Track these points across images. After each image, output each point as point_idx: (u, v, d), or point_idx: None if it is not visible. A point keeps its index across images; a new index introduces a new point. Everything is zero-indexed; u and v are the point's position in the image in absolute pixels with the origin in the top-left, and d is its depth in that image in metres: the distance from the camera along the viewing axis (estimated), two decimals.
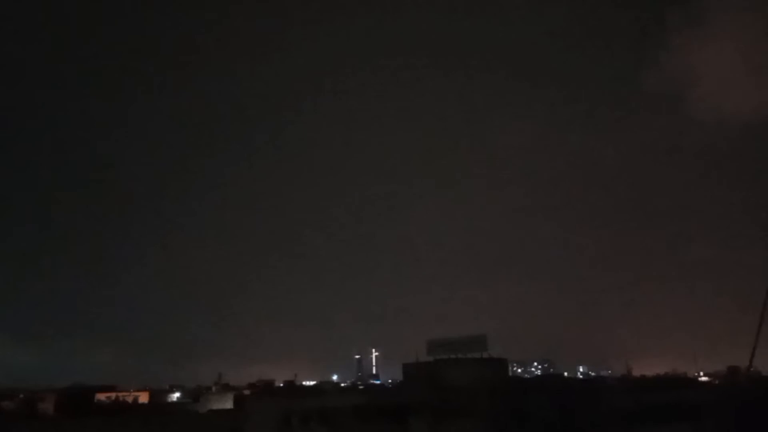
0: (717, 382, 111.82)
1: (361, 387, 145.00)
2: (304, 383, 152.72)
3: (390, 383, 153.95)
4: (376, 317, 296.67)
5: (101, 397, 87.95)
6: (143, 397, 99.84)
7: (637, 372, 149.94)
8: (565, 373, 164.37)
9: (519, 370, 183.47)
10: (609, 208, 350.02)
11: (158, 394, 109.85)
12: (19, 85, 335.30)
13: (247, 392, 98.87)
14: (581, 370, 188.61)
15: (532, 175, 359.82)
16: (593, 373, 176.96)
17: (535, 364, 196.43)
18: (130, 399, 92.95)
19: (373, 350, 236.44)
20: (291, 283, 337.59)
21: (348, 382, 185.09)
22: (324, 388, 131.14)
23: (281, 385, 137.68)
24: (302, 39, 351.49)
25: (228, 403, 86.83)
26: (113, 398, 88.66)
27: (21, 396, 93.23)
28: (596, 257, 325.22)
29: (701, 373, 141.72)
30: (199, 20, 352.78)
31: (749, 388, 63.98)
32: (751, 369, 74.33)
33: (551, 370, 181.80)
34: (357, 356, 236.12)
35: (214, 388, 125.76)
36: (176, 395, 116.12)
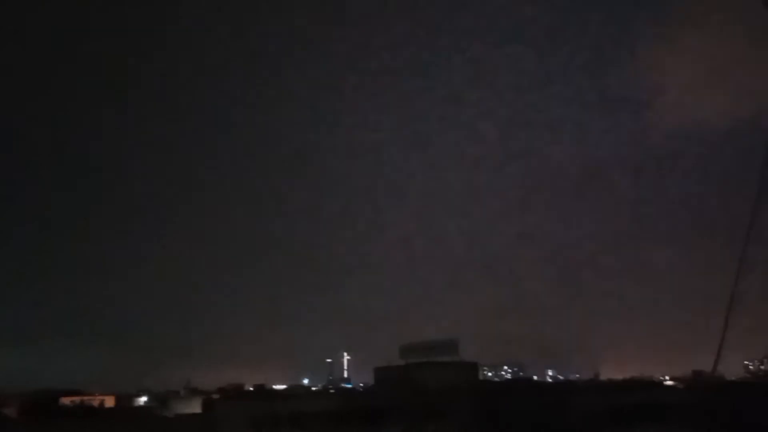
0: (682, 386, 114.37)
1: (332, 391, 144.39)
2: (274, 387, 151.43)
3: (362, 387, 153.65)
4: (347, 321, 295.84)
5: (66, 401, 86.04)
6: (109, 402, 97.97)
7: (604, 376, 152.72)
8: (535, 377, 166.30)
9: (490, 374, 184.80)
10: (577, 214, 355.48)
11: (125, 399, 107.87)
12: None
13: (216, 396, 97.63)
14: (550, 373, 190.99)
15: (502, 179, 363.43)
16: (562, 377, 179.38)
17: (506, 368, 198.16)
18: (96, 403, 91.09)
19: (345, 354, 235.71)
20: (261, 286, 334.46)
21: (319, 386, 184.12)
22: (295, 392, 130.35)
23: (251, 389, 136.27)
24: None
25: (196, 408, 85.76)
26: (78, 402, 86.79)
27: None
28: (565, 263, 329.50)
29: (667, 377, 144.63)
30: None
31: (713, 391, 65.64)
32: (716, 374, 76.21)
33: (521, 373, 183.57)
34: (328, 360, 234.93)
35: (182, 393, 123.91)
36: (143, 399, 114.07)
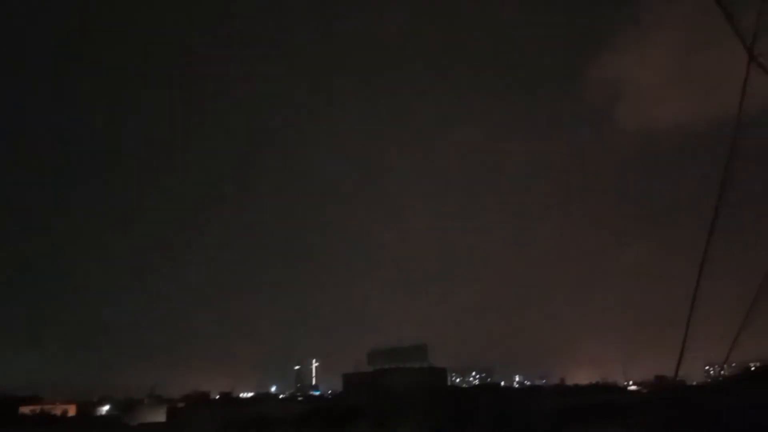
0: (645, 390, 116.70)
1: (300, 398, 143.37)
2: (241, 395, 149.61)
3: (330, 394, 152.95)
4: (315, 327, 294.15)
5: (25, 410, 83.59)
6: (70, 410, 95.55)
7: (570, 381, 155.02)
8: (502, 383, 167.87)
9: (458, 380, 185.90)
10: (544, 216, 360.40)
11: (86, 407, 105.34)
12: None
13: (181, 404, 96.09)
14: (517, 379, 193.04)
15: (470, 182, 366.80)
16: (528, 382, 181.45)
17: (474, 373, 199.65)
18: (57, 412, 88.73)
19: (313, 361, 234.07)
20: (228, 292, 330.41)
21: (287, 393, 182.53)
22: (262, 400, 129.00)
23: (217, 397, 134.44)
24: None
25: (161, 416, 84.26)
26: (38, 411, 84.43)
27: None
28: (531, 267, 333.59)
29: (630, 382, 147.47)
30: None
31: (674, 396, 67.07)
32: (677, 378, 77.83)
33: (488, 379, 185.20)
34: (296, 367, 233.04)
35: (146, 401, 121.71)
36: (106, 408, 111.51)
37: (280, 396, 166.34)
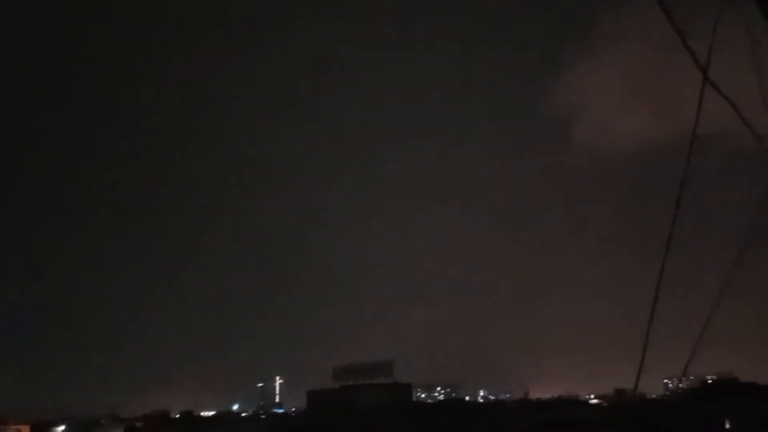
0: (606, 404, 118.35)
1: (263, 416, 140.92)
2: (203, 413, 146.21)
3: (294, 411, 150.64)
4: (280, 343, 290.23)
5: None
6: (25, 431, 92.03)
7: (533, 395, 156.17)
8: (467, 397, 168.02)
9: (423, 395, 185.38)
10: (506, 233, 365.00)
11: (42, 427, 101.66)
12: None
13: (140, 424, 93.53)
14: (482, 393, 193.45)
15: (432, 199, 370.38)
16: (493, 397, 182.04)
17: (439, 388, 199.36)
18: None
19: (277, 378, 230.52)
20: (190, 308, 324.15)
21: (250, 411, 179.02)
22: (225, 419, 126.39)
23: (177, 416, 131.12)
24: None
25: None
26: None
27: None
28: (494, 281, 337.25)
29: (592, 396, 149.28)
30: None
31: (634, 409, 68.20)
32: (636, 392, 79.32)
33: (454, 394, 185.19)
34: (260, 384, 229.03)
35: (103, 421, 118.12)
36: (61, 428, 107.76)
37: (243, 414, 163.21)
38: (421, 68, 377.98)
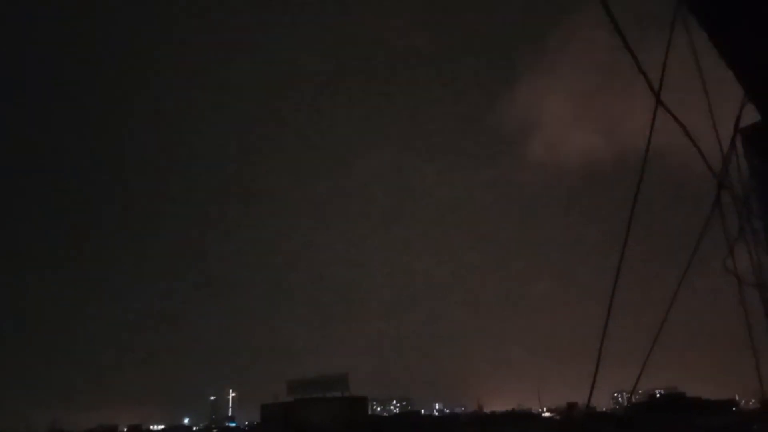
0: (558, 417, 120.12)
1: (215, 430, 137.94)
2: (152, 428, 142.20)
3: (247, 426, 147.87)
4: (232, 357, 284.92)
5: None
6: None
7: (487, 408, 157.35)
8: (422, 411, 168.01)
9: (378, 409, 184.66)
10: (458, 247, 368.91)
11: None
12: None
13: None
14: (437, 407, 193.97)
15: (386, 213, 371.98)
16: (448, 410, 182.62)
17: (394, 402, 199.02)
18: None
19: (230, 391, 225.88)
20: (138, 319, 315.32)
21: (201, 425, 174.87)
22: None
23: (125, 430, 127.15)
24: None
25: None
26: None
27: None
28: (447, 297, 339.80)
29: (544, 409, 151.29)
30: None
31: (586, 422, 69.36)
32: (589, 406, 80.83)
33: (409, 407, 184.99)
34: (212, 398, 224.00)
35: None
36: None
37: (194, 428, 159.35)
38: (370, 77, 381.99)
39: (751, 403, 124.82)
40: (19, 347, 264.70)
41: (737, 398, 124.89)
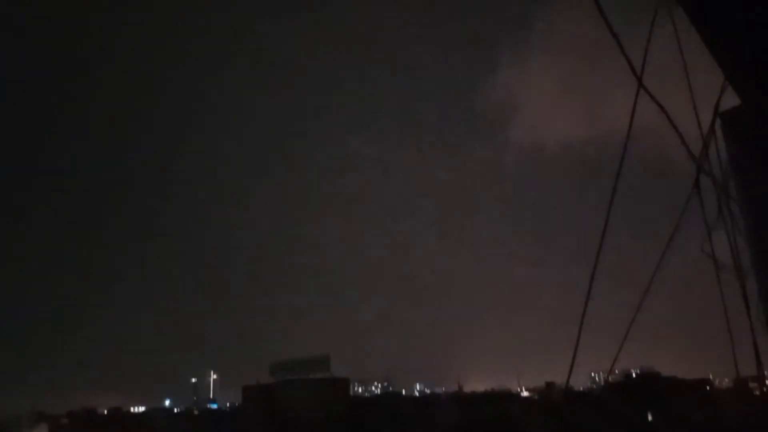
0: (536, 397, 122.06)
1: (196, 413, 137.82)
2: (132, 410, 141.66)
3: (228, 407, 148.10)
4: (215, 338, 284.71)
5: None
6: None
7: (467, 388, 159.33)
8: (403, 392, 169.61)
9: (360, 390, 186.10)
10: (440, 227, 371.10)
11: None
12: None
13: (65, 421, 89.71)
14: (418, 388, 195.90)
15: (370, 192, 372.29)
16: (429, 391, 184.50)
17: (376, 383, 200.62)
18: None
19: (212, 373, 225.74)
20: (118, 300, 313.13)
21: (182, 407, 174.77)
22: (154, 415, 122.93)
23: (105, 412, 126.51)
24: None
25: None
26: None
27: None
28: (430, 276, 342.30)
29: (523, 389, 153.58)
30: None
31: (564, 402, 70.63)
32: (567, 386, 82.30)
33: (391, 388, 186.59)
34: (193, 380, 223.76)
35: (27, 419, 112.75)
36: None
37: (175, 410, 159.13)
38: (349, 60, 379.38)
39: (724, 383, 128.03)
40: None
41: (711, 378, 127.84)
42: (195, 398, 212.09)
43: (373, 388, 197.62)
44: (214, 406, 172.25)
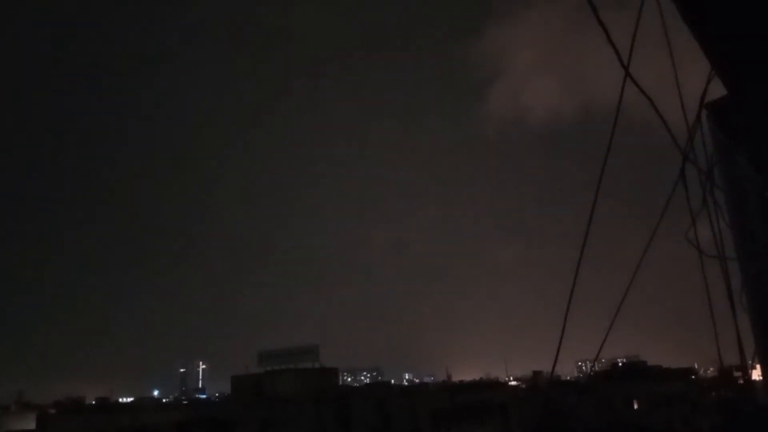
0: (523, 386, 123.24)
1: (185, 402, 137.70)
2: (120, 400, 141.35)
3: (217, 397, 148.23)
4: (203, 328, 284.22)
5: None
6: None
7: (456, 377, 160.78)
8: (392, 381, 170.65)
9: (349, 379, 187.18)
10: (425, 211, 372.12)
11: None
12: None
13: (52, 411, 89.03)
14: (407, 377, 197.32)
15: (347, 176, 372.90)
16: (417, 380, 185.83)
17: (365, 372, 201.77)
18: None
19: (201, 363, 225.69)
20: (104, 290, 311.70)
21: (171, 397, 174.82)
22: (142, 405, 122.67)
23: (93, 402, 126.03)
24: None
25: (30, 424, 77.82)
26: None
27: None
28: (415, 266, 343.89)
29: (511, 378, 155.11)
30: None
31: (550, 390, 71.43)
32: (553, 374, 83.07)
33: (379, 378, 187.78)
34: (182, 369, 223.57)
35: (13, 408, 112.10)
36: None
37: (164, 400, 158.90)
38: (324, 31, 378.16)
39: (709, 372, 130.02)
40: None
41: (696, 367, 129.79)
42: (183, 388, 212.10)
43: (362, 378, 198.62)
44: (203, 396, 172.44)
